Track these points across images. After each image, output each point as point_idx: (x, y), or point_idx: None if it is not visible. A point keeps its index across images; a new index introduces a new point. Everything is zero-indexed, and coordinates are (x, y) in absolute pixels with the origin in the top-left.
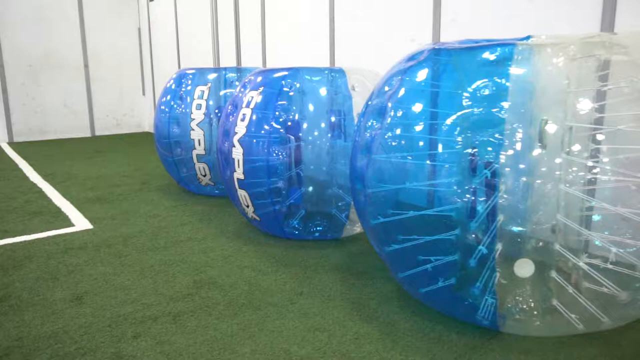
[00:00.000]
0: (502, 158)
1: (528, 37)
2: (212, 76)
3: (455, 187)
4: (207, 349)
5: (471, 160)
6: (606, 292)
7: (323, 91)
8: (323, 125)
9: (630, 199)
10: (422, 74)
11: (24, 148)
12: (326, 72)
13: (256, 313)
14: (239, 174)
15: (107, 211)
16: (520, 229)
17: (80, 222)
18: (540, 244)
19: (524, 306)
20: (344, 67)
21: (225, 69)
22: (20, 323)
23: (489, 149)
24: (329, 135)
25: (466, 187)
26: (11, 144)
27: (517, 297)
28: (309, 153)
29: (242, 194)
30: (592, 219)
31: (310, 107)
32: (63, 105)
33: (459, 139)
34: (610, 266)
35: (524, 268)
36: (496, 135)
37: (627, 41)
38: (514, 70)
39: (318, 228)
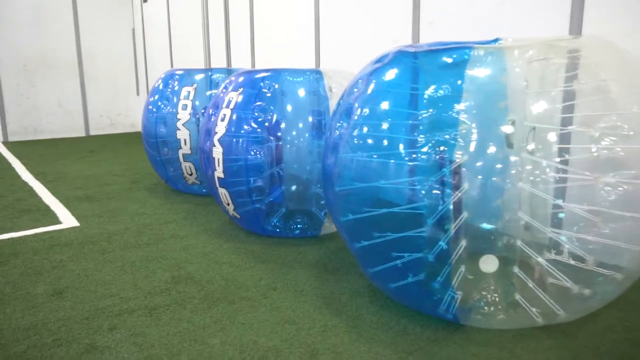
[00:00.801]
0: (460, 157)
1: (496, 40)
2: (199, 77)
3: (419, 185)
4: (178, 340)
5: (436, 159)
6: (566, 286)
7: (302, 92)
8: (301, 125)
9: (593, 197)
10: (387, 76)
11: (18, 147)
12: (307, 73)
13: (229, 307)
14: (219, 172)
15: (94, 209)
16: (486, 225)
17: (67, 220)
18: (504, 240)
19: (489, 300)
20: (322, 68)
21: (211, 70)
22: (1, 316)
23: (445, 148)
24: (307, 135)
25: (427, 186)
26: (6, 143)
27: (482, 292)
28: (288, 152)
29: (222, 192)
30: (559, 216)
31: (289, 108)
32: (57, 105)
33: (421, 138)
34: (569, 262)
35: (489, 264)
36: (453, 135)
37: (583, 45)
38: (470, 72)
39: (298, 226)
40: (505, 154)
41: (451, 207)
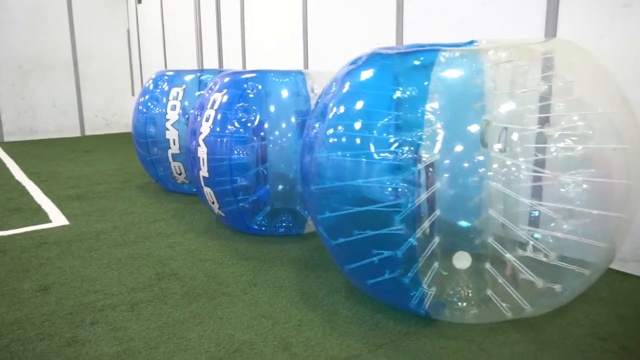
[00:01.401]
0: (429, 157)
1: (472, 42)
2: (188, 78)
3: (391, 184)
4: (157, 334)
5: (406, 158)
6: (531, 281)
7: (285, 93)
8: (284, 125)
9: (567, 195)
10: (360, 77)
11: (13, 148)
12: (291, 74)
13: (209, 302)
14: (204, 172)
15: (85, 208)
16: (459, 223)
17: (57, 219)
18: (476, 237)
19: (462, 296)
20: (305, 70)
21: (200, 71)
22: None
23: (411, 149)
24: (289, 135)
25: (398, 184)
26: (1, 143)
27: (455, 287)
28: (273, 152)
29: (207, 191)
30: (533, 214)
31: (273, 108)
32: (53, 105)
33: (392, 138)
34: (540, 258)
35: (462, 260)
36: (421, 135)
37: (551, 48)
38: (440, 73)
39: (283, 224)
40: (476, 153)
41: (426, 204)
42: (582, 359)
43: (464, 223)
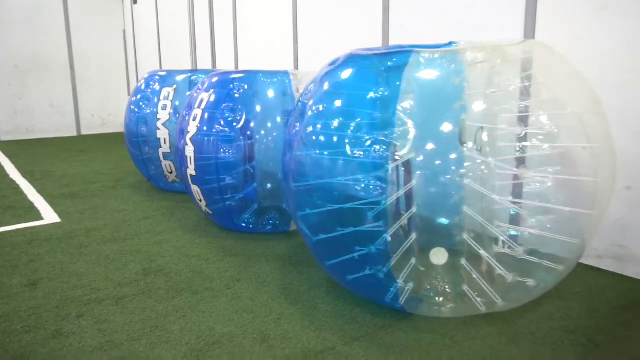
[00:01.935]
0: (402, 155)
1: (451, 43)
2: (180, 78)
3: (366, 182)
4: (140, 327)
5: (381, 156)
6: (503, 276)
7: (272, 93)
8: (271, 125)
9: (540, 193)
10: (337, 77)
11: (9, 147)
12: (278, 75)
13: (193, 297)
14: (191, 170)
15: (77, 206)
16: (435, 220)
17: (49, 216)
18: (453, 233)
19: (439, 291)
20: (290, 70)
21: (191, 71)
22: None
23: (383, 147)
24: (276, 134)
25: (373, 182)
26: None
27: (433, 283)
28: (261, 151)
29: (195, 189)
30: (512, 212)
31: (259, 108)
32: (49, 105)
33: (367, 136)
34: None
35: (439, 256)
36: (396, 134)
37: (525, 49)
38: (412, 73)
39: (270, 222)
40: (451, 152)
41: (404, 201)
42: (550, 351)
43: (440, 220)
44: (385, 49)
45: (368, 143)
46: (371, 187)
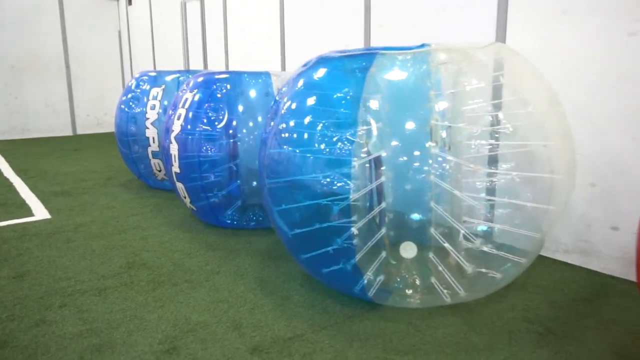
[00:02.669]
0: (364, 152)
1: (423, 45)
2: (169, 78)
3: (334, 178)
4: (120, 315)
5: (350, 154)
6: (479, 271)
7: (255, 93)
8: (252, 124)
9: (514, 190)
10: (308, 78)
11: (4, 146)
12: (261, 75)
13: (172, 288)
14: (175, 168)
15: (67, 203)
16: (406, 215)
17: (40, 213)
18: (422, 228)
19: (408, 283)
20: (271, 71)
21: (180, 72)
22: None
23: (349, 145)
24: (257, 133)
25: (341, 179)
26: None
27: (403, 275)
28: (245, 149)
29: (179, 186)
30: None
31: (242, 107)
32: (45, 105)
33: (335, 135)
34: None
35: (408, 250)
36: (360, 132)
37: (489, 51)
38: (376, 74)
39: (254, 218)
40: (415, 150)
41: (375, 197)
42: (507, 338)
43: (409, 215)
44: (353, 52)
45: (335, 139)
46: (338, 183)
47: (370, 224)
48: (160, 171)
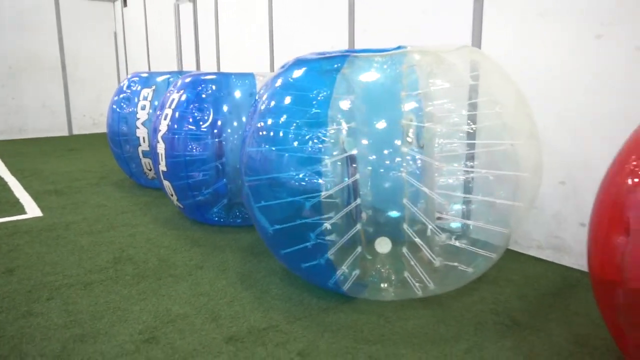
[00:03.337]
0: (336, 152)
1: (399, 47)
2: (160, 79)
3: (308, 176)
4: (104, 307)
5: (323, 152)
6: (451, 265)
7: (238, 93)
8: (236, 124)
9: (483, 188)
10: (284, 79)
11: (1, 146)
12: (248, 76)
13: (156, 282)
14: (162, 166)
15: (60, 202)
16: (382, 211)
17: (32, 211)
18: (395, 224)
19: (383, 277)
20: (255, 72)
21: (171, 73)
22: None
23: (320, 143)
24: (240, 132)
25: (311, 176)
26: None
27: (378, 269)
28: (231, 148)
29: (166, 184)
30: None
31: (225, 108)
32: (42, 105)
33: (306, 133)
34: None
35: (383, 245)
36: (331, 132)
37: (458, 54)
38: (352, 77)
39: (240, 215)
40: (386, 148)
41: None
42: (474, 329)
43: (386, 212)
44: (329, 54)
45: (307, 138)
46: (312, 180)
47: (348, 220)
48: (150, 170)
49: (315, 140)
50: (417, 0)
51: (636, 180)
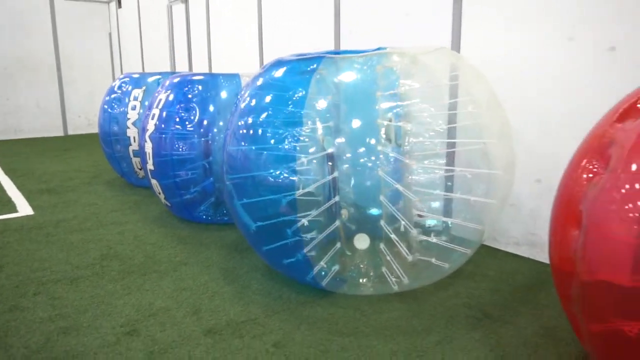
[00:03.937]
0: (313, 150)
1: (379, 48)
2: (151, 79)
3: (284, 174)
4: (88, 302)
5: (299, 150)
6: (426, 260)
7: (224, 94)
8: (222, 123)
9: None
10: (264, 79)
11: None
12: (236, 77)
13: (141, 277)
14: (150, 165)
15: (51, 200)
16: (361, 208)
17: (24, 209)
18: (373, 221)
19: (361, 272)
20: (240, 73)
21: (161, 73)
22: None
23: (296, 142)
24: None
25: (287, 174)
26: None
27: (357, 264)
28: (216, 147)
29: (154, 183)
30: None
31: (211, 108)
32: (37, 106)
33: (282, 132)
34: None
35: (361, 242)
36: (306, 131)
37: (434, 55)
38: (329, 77)
39: (227, 213)
40: (362, 146)
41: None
42: (445, 323)
43: (364, 209)
44: (307, 55)
45: (284, 136)
46: (289, 178)
47: (329, 217)
48: (141, 169)
49: (291, 139)
50: (400, 2)
51: (590, 176)
